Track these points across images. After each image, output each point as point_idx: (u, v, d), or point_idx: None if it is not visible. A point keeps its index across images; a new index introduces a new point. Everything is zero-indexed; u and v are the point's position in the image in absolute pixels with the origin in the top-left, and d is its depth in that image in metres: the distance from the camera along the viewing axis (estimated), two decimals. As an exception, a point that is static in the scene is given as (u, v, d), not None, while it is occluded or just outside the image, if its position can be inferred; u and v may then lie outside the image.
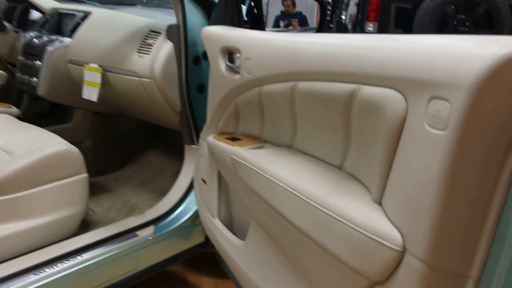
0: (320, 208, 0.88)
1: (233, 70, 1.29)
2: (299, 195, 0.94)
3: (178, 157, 1.91)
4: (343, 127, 0.95)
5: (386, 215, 0.79)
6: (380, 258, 0.76)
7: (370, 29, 4.04)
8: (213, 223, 1.42)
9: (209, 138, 1.42)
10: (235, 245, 1.30)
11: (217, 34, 1.36)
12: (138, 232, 1.51)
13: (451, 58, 0.66)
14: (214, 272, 1.93)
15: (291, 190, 0.96)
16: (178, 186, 1.71)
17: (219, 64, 1.34)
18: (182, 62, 1.59)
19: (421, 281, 0.70)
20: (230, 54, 1.33)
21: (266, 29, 1.96)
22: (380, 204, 0.83)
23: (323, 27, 2.05)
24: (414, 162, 0.71)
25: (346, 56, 0.87)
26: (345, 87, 0.88)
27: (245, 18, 1.54)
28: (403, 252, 0.73)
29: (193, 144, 1.69)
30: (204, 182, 1.48)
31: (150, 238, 1.52)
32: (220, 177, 1.42)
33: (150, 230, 1.54)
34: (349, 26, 4.69)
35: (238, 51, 1.26)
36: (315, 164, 1.05)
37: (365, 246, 0.78)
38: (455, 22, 4.05)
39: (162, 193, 1.76)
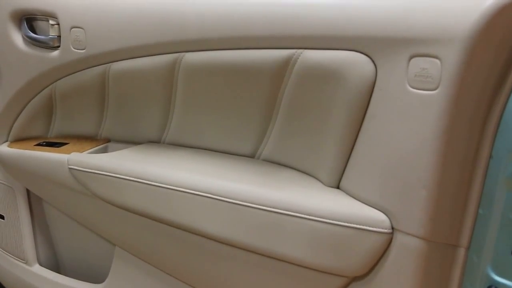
0: (262, 207, 0.70)
1: (45, 44, 0.88)
2: (221, 198, 0.72)
3: None
4: (262, 104, 0.78)
5: (354, 198, 0.70)
6: (362, 248, 0.66)
7: None
8: (30, 273, 0.96)
9: (2, 149, 0.94)
10: (88, 292, 0.92)
11: None
12: None
13: (437, 12, 0.61)
14: None
15: (205, 194, 0.73)
16: None
17: (11, 37, 0.90)
18: None
19: (419, 260, 0.63)
20: (29, 20, 0.91)
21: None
22: (337, 187, 0.73)
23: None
24: (394, 129, 0.64)
25: (278, 17, 0.71)
26: (274, 54, 0.72)
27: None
28: (391, 233, 0.65)
29: None
30: (-1, 216, 0.98)
31: None
32: (31, 204, 0.97)
33: None
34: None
35: (53, 16, 0.87)
36: (216, 157, 0.84)
37: (339, 239, 0.67)
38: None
39: None
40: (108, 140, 0.95)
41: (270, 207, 0.69)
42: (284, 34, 0.71)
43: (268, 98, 0.77)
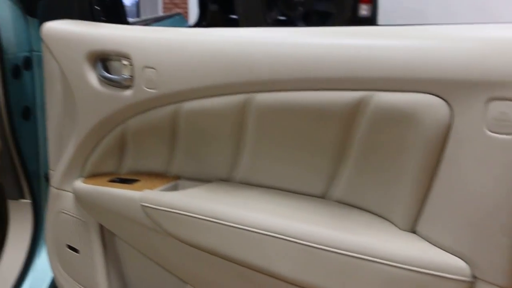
0: (337, 251, 0.68)
1: (118, 84, 0.91)
2: (293, 239, 0.71)
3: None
4: (334, 145, 0.76)
5: (432, 243, 0.67)
6: None
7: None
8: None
9: (77, 184, 0.97)
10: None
11: (78, 34, 0.93)
12: None
13: None
14: None
15: (278, 235, 0.72)
16: (4, 268, 1.12)
17: (87, 77, 0.93)
18: None
19: None
20: (103, 60, 0.94)
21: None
22: (413, 231, 0.70)
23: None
24: (473, 174, 0.61)
25: (350, 59, 0.69)
26: (346, 96, 0.71)
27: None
28: (472, 282, 0.62)
29: (23, 197, 1.15)
30: (74, 249, 1.01)
31: None
32: (105, 239, 0.99)
33: None
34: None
35: (127, 57, 0.89)
36: (287, 198, 0.82)
37: (417, 286, 0.64)
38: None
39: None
40: (178, 178, 0.96)
41: (345, 250, 0.67)
42: (357, 76, 0.69)
43: (339, 140, 0.75)
